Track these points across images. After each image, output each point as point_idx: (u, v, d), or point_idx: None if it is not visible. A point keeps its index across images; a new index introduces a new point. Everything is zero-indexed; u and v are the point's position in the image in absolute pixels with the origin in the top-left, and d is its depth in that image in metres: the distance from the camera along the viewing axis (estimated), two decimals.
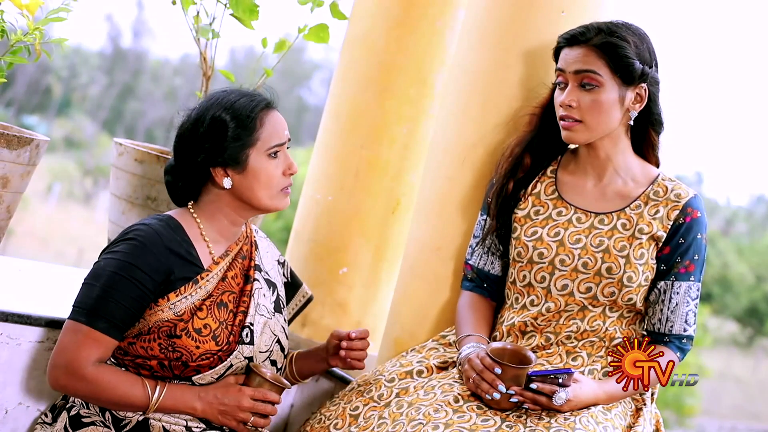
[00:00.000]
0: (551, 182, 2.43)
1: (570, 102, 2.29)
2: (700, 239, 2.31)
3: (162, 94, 37.47)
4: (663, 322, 2.32)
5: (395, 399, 2.29)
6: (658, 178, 2.36)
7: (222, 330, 2.15)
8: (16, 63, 2.39)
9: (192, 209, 2.23)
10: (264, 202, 2.19)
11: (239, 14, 2.71)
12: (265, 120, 2.18)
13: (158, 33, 54.75)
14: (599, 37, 2.27)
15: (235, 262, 2.23)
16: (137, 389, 2.09)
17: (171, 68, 39.65)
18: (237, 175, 2.17)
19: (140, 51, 39.72)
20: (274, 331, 2.27)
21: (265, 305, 2.26)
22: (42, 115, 34.26)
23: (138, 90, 37.21)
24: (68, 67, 35.08)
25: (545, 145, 2.43)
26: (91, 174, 32.54)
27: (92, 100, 36.37)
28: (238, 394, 2.15)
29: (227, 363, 2.15)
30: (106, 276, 2.07)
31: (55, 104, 35.09)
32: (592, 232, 2.33)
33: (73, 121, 35.01)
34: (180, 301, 2.12)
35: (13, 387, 2.37)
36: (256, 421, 2.16)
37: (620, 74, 2.26)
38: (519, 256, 2.38)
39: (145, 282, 2.08)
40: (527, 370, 2.15)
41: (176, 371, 2.13)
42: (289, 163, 2.21)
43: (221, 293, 2.18)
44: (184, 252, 2.15)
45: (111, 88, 36.60)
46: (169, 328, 2.11)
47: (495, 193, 2.44)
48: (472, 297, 2.48)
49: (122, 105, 36.45)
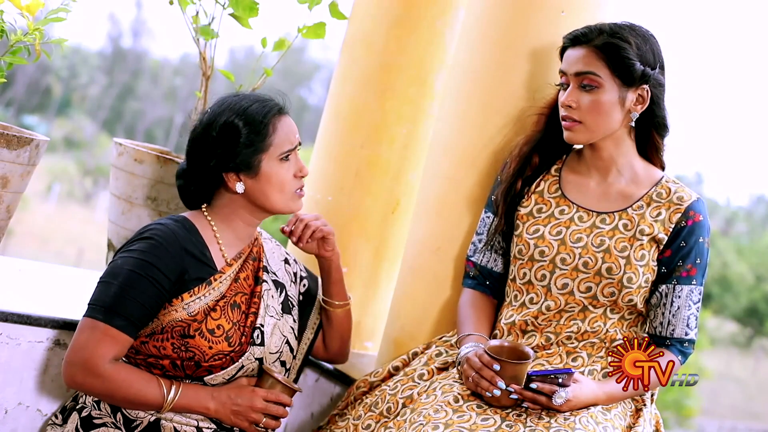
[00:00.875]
0: (555, 180, 2.43)
1: (570, 102, 2.29)
2: (702, 243, 2.30)
3: (162, 94, 37.51)
4: (665, 326, 2.31)
5: (402, 410, 2.30)
6: (662, 180, 2.35)
7: (235, 331, 2.16)
8: (15, 63, 2.39)
9: (206, 212, 2.25)
10: (278, 206, 2.22)
11: (239, 12, 2.71)
12: (277, 126, 2.20)
13: (158, 33, 54.83)
14: (601, 38, 2.27)
15: (246, 263, 2.25)
16: (153, 388, 2.10)
17: (171, 68, 39.70)
18: (249, 179, 2.19)
19: (140, 51, 39.77)
20: (283, 332, 2.28)
21: (273, 306, 2.27)
22: (42, 115, 34.30)
23: (138, 90, 37.24)
24: (68, 67, 35.12)
25: (553, 145, 2.43)
26: (91, 174, 32.58)
27: (92, 100, 36.41)
28: (252, 395, 2.16)
29: (239, 364, 2.16)
30: (124, 274, 2.08)
31: (55, 104, 35.13)
32: (593, 231, 2.32)
33: (73, 121, 35.05)
34: (194, 302, 2.13)
35: (13, 387, 2.36)
36: (268, 422, 2.17)
37: (620, 75, 2.26)
38: (520, 254, 2.38)
39: (162, 281, 2.09)
40: (526, 366, 2.15)
41: (188, 371, 2.13)
42: (300, 166, 2.23)
43: (234, 294, 2.19)
44: (198, 253, 2.17)
45: (111, 88, 36.63)
46: (182, 328, 2.11)
47: (503, 191, 2.43)
48: (473, 295, 2.48)
49: (122, 105, 36.49)
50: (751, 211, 41.34)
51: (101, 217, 25.40)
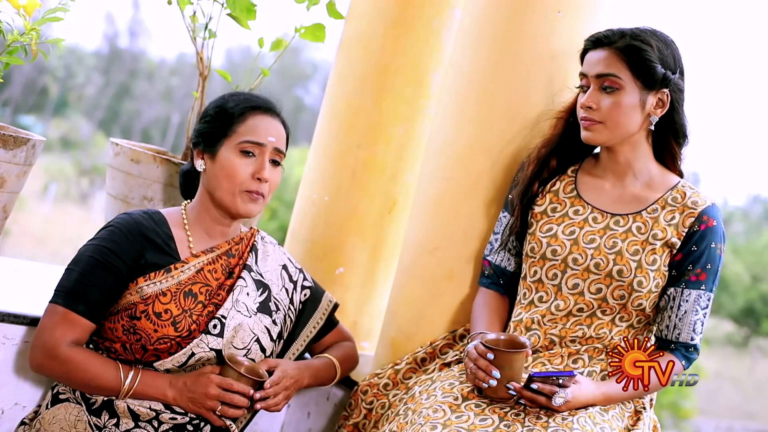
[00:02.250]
0: (571, 181, 2.43)
1: (590, 104, 2.29)
2: (714, 248, 2.28)
3: (158, 94, 37.45)
4: (670, 329, 2.31)
5: (404, 407, 2.31)
6: (678, 185, 2.34)
7: (185, 317, 2.19)
8: (12, 63, 2.38)
9: (184, 207, 2.32)
10: (223, 196, 2.25)
11: (236, 14, 2.71)
12: (249, 117, 2.26)
13: (155, 33, 54.76)
14: (623, 41, 2.27)
15: (219, 258, 2.29)
16: (110, 373, 2.15)
17: (167, 68, 39.63)
18: (209, 161, 2.27)
19: (136, 51, 39.71)
20: (253, 329, 2.28)
21: (246, 303, 2.28)
22: (38, 115, 34.23)
23: (134, 90, 37.18)
24: (64, 67, 35.06)
25: (571, 149, 2.44)
26: (88, 174, 32.52)
27: (88, 100, 36.34)
28: (207, 382, 2.17)
29: (188, 350, 2.18)
30: (84, 260, 2.17)
31: (52, 104, 35.06)
32: (606, 233, 2.32)
33: (70, 121, 34.99)
34: (148, 286, 2.18)
35: (9, 387, 2.36)
36: (224, 409, 2.17)
37: (641, 78, 2.26)
38: (532, 252, 2.38)
39: (118, 265, 2.17)
40: (521, 356, 2.16)
41: (137, 354, 2.18)
42: (261, 168, 2.24)
43: (191, 284, 2.22)
44: (161, 242, 2.23)
45: (107, 88, 36.57)
46: (131, 310, 2.17)
47: (520, 193, 2.44)
48: (487, 294, 2.49)
49: (118, 105, 36.42)
50: (748, 211, 41.35)
51: (98, 217, 25.38)
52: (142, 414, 2.17)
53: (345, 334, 2.57)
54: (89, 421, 2.17)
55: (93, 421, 2.17)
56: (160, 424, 2.19)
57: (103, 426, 2.17)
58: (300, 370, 2.33)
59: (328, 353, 2.48)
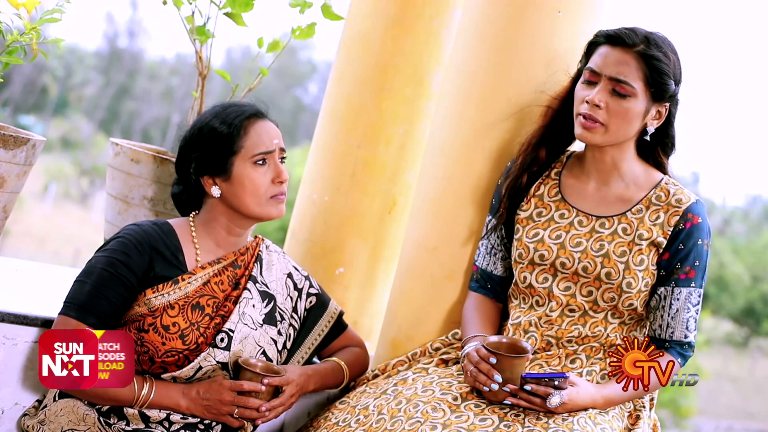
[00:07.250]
0: (555, 184, 2.43)
1: (599, 102, 2.26)
2: (701, 245, 2.29)
3: (158, 94, 37.47)
4: (664, 328, 2.31)
5: (392, 388, 2.30)
6: (661, 182, 2.34)
7: (192, 330, 2.18)
8: (12, 63, 2.38)
9: (192, 218, 2.30)
10: (252, 210, 2.24)
11: (234, 10, 2.71)
12: (249, 128, 2.23)
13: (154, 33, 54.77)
14: (643, 47, 2.24)
15: (225, 270, 2.27)
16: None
17: (167, 68, 39.65)
18: (224, 183, 2.23)
19: (136, 51, 39.72)
20: (259, 342, 2.28)
21: (251, 315, 2.27)
22: (38, 115, 34.24)
23: (134, 90, 37.20)
24: (64, 67, 35.07)
25: (559, 138, 2.42)
26: (88, 174, 32.53)
27: (88, 100, 36.36)
28: (219, 388, 2.17)
29: (195, 364, 2.18)
30: (96, 273, 2.16)
31: (52, 104, 35.08)
32: (593, 235, 2.32)
33: (70, 121, 35.00)
34: (156, 298, 2.17)
35: (10, 387, 2.36)
36: (242, 412, 2.18)
37: (653, 89, 2.24)
38: (520, 257, 2.38)
39: (129, 278, 2.16)
40: (523, 361, 2.16)
41: (144, 366, 2.17)
42: (279, 171, 2.24)
43: (199, 296, 2.22)
44: (170, 254, 2.22)
45: (107, 88, 36.58)
46: (139, 322, 2.16)
47: (509, 183, 2.42)
48: (477, 299, 2.49)
49: (118, 105, 36.43)
50: (748, 211, 41.36)
51: (98, 218, 25.38)
52: (153, 416, 2.17)
53: (355, 339, 2.56)
54: (98, 417, 2.16)
55: (102, 418, 2.17)
56: (171, 424, 2.18)
57: (113, 423, 2.16)
58: (306, 375, 2.33)
59: (336, 357, 2.48)
